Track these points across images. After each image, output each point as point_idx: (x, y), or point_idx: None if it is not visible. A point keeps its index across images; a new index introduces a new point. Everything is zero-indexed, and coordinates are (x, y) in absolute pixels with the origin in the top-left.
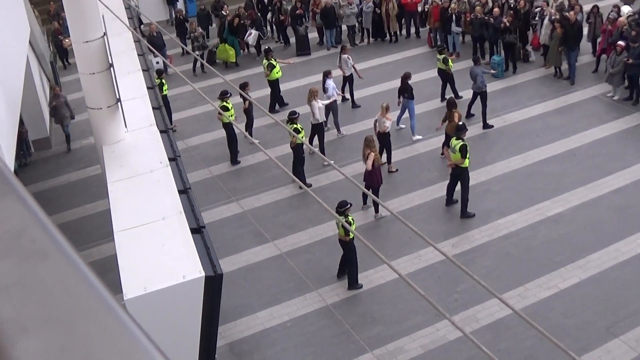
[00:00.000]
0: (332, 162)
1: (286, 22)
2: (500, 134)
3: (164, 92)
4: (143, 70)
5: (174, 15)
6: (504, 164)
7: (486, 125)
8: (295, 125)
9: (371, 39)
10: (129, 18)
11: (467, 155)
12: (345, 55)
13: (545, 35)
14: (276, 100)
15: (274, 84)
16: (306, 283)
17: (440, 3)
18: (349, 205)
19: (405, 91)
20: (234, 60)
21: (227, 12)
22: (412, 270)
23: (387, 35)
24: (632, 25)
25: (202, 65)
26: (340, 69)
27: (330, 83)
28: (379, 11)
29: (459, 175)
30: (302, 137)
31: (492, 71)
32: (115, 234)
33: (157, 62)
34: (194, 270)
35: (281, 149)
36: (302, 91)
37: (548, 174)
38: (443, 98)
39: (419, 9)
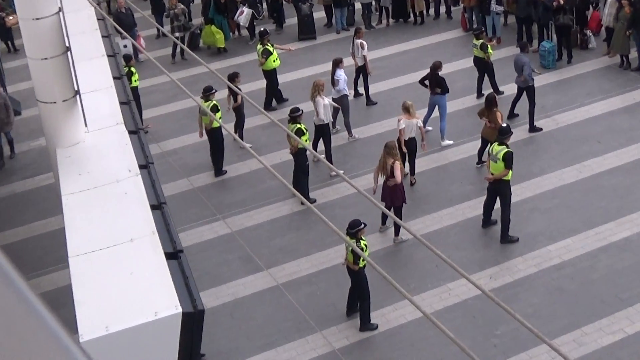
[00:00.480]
0: (342, 172)
1: None
2: (550, 139)
3: (134, 84)
4: (108, 55)
5: None
6: (555, 177)
7: (533, 128)
8: (298, 126)
9: (391, 20)
10: None
11: (512, 166)
12: (360, 41)
13: (610, 16)
14: (273, 94)
15: (271, 75)
16: (308, 322)
17: None
18: (362, 226)
19: (436, 85)
20: (222, 46)
21: None
22: (440, 307)
23: (411, 15)
24: None
25: (182, 50)
26: (353, 57)
27: (341, 74)
28: None
29: (498, 190)
30: (306, 141)
31: (535, 71)
32: (70, 259)
33: (126, 46)
34: (169, 305)
35: (279, 156)
36: (305, 84)
37: (611, 189)
38: (480, 94)
39: None
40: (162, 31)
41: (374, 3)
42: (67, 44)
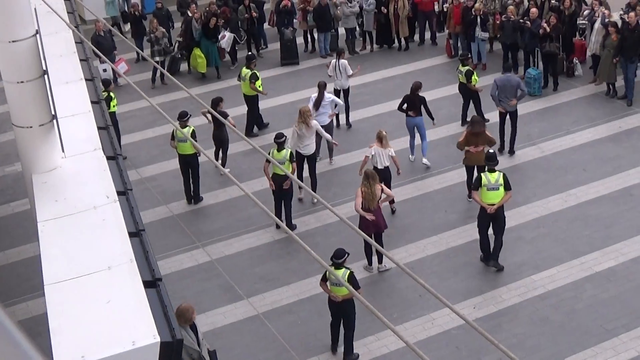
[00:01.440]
0: (323, 200)
1: (271, 20)
2: (536, 167)
3: (112, 109)
4: (86, 79)
5: (126, 11)
6: (540, 205)
7: (513, 152)
8: (285, 151)
9: (375, 45)
10: (69, 12)
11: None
12: (344, 61)
13: (596, 43)
14: (254, 120)
15: (253, 100)
16: (289, 352)
17: (462, 2)
18: (346, 256)
19: (418, 105)
20: (203, 71)
21: (195, 11)
22: (423, 337)
23: (396, 41)
24: None
25: (162, 75)
26: (334, 77)
27: (329, 97)
28: (385, 11)
29: (498, 216)
30: (289, 168)
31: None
32: (46, 288)
33: (105, 70)
34: (147, 334)
35: (260, 182)
36: (287, 110)
37: (597, 218)
38: (465, 121)
39: (436, 8)
40: (142, 55)
41: (358, 28)
42: (44, 67)
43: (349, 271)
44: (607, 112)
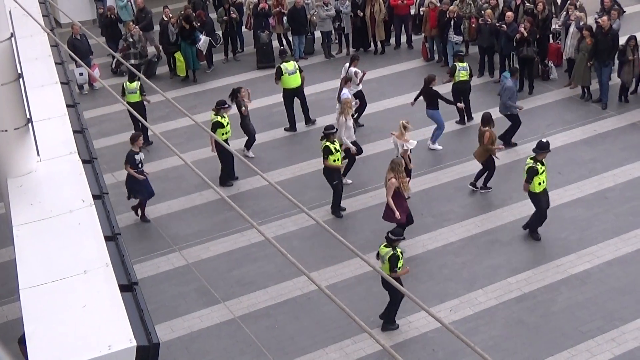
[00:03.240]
0: (299, 204)
1: (248, 23)
2: (510, 171)
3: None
4: (62, 82)
5: (102, 14)
6: (516, 208)
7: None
8: (328, 144)
9: (351, 49)
10: (44, 16)
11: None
12: (355, 69)
13: (571, 47)
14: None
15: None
16: (266, 356)
17: (438, 5)
18: (401, 237)
19: (429, 98)
20: (183, 74)
21: (170, 16)
22: (400, 340)
23: (372, 44)
24: None
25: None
26: (343, 83)
27: (345, 93)
28: (361, 14)
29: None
30: (336, 160)
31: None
32: (21, 292)
33: (82, 74)
34: (123, 338)
35: (236, 186)
36: (263, 113)
37: (572, 221)
38: (465, 120)
39: (412, 12)
40: (118, 59)
41: (333, 32)
42: (19, 71)
43: (392, 252)
44: (582, 115)
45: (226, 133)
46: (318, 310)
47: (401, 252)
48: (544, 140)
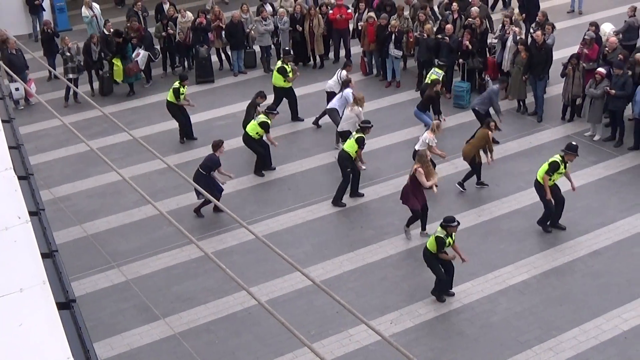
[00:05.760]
0: (238, 218)
1: (187, 38)
2: (450, 183)
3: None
4: None
5: (38, 29)
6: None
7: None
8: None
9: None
10: None
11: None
12: (344, 72)
13: (509, 61)
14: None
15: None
16: None
17: (376, 19)
18: (455, 224)
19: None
20: (120, 79)
21: (111, 30)
22: (341, 353)
23: (311, 59)
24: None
25: (75, 93)
26: (347, 84)
27: (348, 93)
28: (300, 29)
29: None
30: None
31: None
32: None
33: (17, 89)
34: (61, 357)
35: (175, 201)
36: (203, 127)
37: (510, 232)
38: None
39: (351, 27)
40: (54, 74)
41: (273, 46)
42: None
43: (436, 236)
44: (518, 128)
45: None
46: (259, 325)
47: (452, 240)
48: (574, 143)
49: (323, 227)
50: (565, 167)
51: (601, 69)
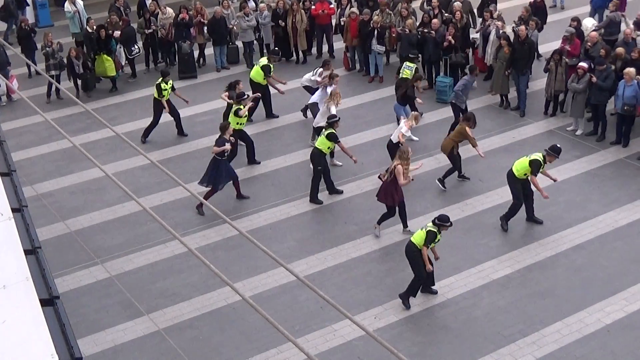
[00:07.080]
0: (222, 214)
1: (169, 34)
2: (432, 178)
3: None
4: None
5: (16, 26)
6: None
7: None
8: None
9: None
10: None
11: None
12: (321, 70)
13: (491, 55)
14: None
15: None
16: None
17: (359, 15)
18: (448, 224)
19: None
20: (113, 74)
21: (94, 27)
22: (325, 349)
23: (294, 54)
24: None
25: (57, 89)
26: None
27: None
28: (283, 24)
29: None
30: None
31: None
32: None
33: None
34: (45, 354)
35: (159, 197)
36: (186, 123)
37: (493, 227)
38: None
39: (333, 22)
40: (35, 69)
41: (255, 42)
42: None
43: (427, 230)
44: (500, 123)
45: (241, 124)
46: (243, 320)
47: (438, 239)
48: (559, 145)
49: (307, 223)
50: (543, 166)
51: (583, 64)
